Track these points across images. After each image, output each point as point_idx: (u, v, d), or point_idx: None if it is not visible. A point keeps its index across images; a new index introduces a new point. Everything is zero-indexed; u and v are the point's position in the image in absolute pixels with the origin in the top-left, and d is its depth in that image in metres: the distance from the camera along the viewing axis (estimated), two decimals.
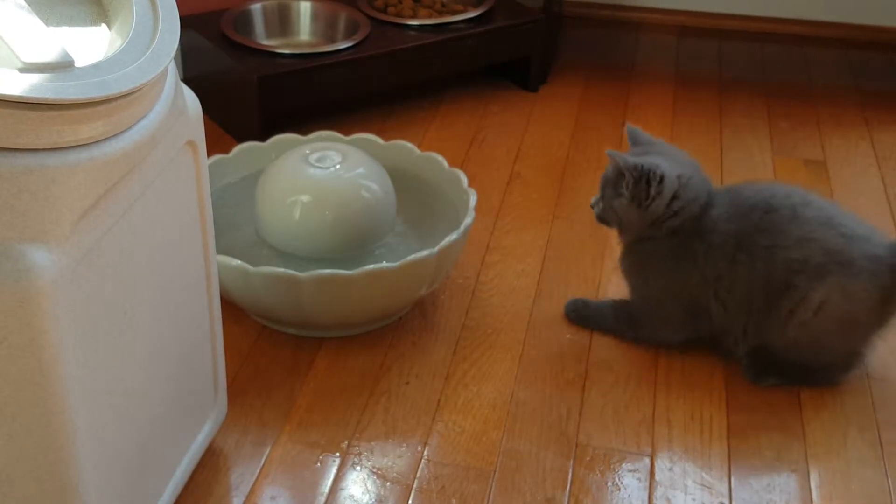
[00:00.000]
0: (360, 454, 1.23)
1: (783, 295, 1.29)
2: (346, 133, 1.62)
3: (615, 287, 1.53)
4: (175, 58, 0.94)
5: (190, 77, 1.92)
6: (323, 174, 1.43)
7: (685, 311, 1.36)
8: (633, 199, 1.33)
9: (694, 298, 1.34)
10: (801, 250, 1.28)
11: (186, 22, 1.71)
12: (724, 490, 1.20)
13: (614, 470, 1.23)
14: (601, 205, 1.39)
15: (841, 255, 1.28)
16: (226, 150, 1.56)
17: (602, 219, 1.40)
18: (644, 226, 1.35)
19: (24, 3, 0.86)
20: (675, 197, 1.32)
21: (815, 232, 1.29)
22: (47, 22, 0.87)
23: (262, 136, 1.61)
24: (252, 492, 1.18)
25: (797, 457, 1.25)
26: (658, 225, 1.34)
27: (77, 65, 0.83)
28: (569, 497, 1.19)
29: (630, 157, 1.34)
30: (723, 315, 1.34)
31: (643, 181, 1.32)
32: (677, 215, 1.33)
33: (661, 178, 1.32)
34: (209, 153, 1.40)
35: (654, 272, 1.37)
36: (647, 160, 1.33)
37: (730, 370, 1.38)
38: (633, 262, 1.40)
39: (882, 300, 1.30)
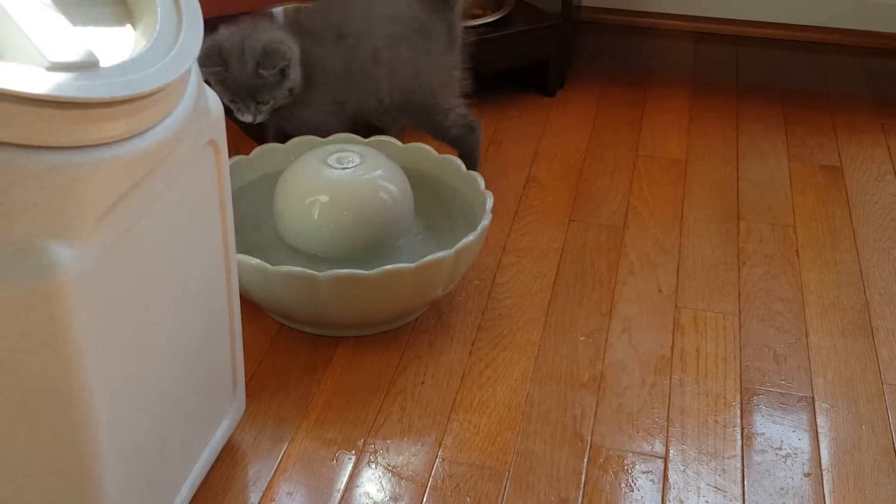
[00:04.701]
0: (375, 452, 1.24)
1: None
2: (365, 135, 1.63)
3: (630, 290, 1.53)
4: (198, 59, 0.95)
5: None
6: (341, 175, 1.45)
7: None
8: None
9: None
10: None
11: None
12: (738, 493, 1.21)
13: (628, 471, 1.23)
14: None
15: None
16: (246, 151, 1.58)
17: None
18: None
19: (50, 3, 0.87)
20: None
21: None
22: (73, 22, 0.88)
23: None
24: (269, 487, 1.19)
25: (811, 461, 1.26)
26: None
27: (102, 64, 0.84)
28: (582, 498, 1.19)
29: None
30: None
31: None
32: None
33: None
34: (229, 154, 1.41)
35: None
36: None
37: (744, 372, 1.38)
38: None
39: None
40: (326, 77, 1.61)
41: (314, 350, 1.40)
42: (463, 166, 1.56)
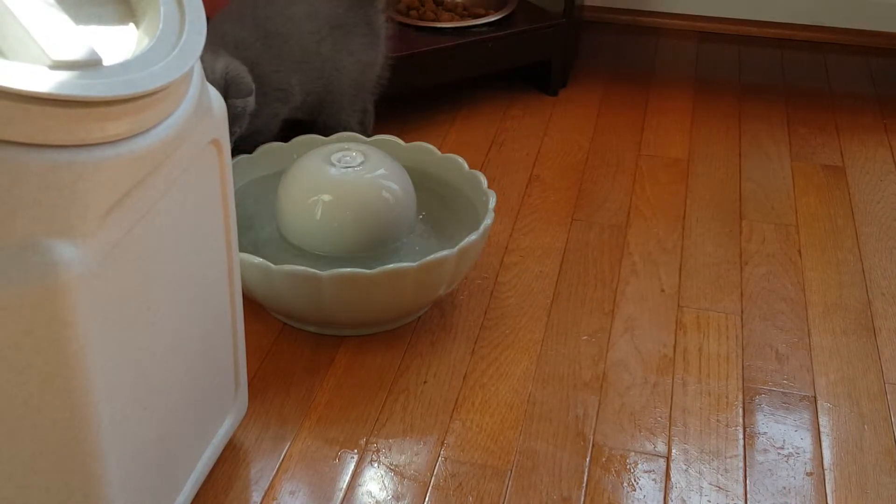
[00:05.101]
0: (377, 451, 1.24)
1: None
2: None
3: (632, 289, 1.53)
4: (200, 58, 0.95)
5: None
6: (344, 174, 1.45)
7: None
8: None
9: None
10: None
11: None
12: (740, 493, 1.21)
13: (630, 471, 1.23)
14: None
15: None
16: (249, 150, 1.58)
17: None
18: None
19: (52, 2, 0.87)
20: None
21: None
22: (76, 20, 0.88)
23: (285, 137, 1.63)
24: (271, 486, 1.19)
25: (813, 461, 1.26)
26: None
27: (105, 63, 0.84)
28: (584, 497, 1.19)
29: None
30: None
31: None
32: None
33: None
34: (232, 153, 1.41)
35: None
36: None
37: (747, 372, 1.38)
38: None
39: None
40: (263, 69, 1.61)
41: (317, 349, 1.40)
42: (465, 165, 1.56)
